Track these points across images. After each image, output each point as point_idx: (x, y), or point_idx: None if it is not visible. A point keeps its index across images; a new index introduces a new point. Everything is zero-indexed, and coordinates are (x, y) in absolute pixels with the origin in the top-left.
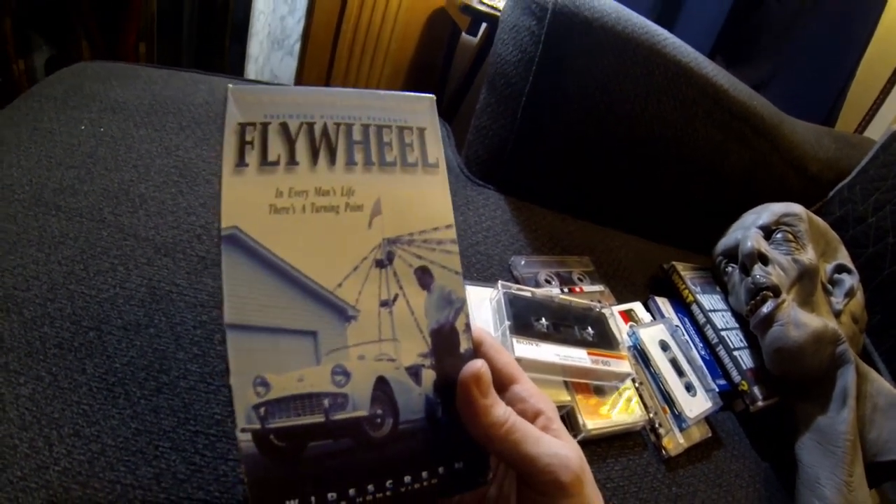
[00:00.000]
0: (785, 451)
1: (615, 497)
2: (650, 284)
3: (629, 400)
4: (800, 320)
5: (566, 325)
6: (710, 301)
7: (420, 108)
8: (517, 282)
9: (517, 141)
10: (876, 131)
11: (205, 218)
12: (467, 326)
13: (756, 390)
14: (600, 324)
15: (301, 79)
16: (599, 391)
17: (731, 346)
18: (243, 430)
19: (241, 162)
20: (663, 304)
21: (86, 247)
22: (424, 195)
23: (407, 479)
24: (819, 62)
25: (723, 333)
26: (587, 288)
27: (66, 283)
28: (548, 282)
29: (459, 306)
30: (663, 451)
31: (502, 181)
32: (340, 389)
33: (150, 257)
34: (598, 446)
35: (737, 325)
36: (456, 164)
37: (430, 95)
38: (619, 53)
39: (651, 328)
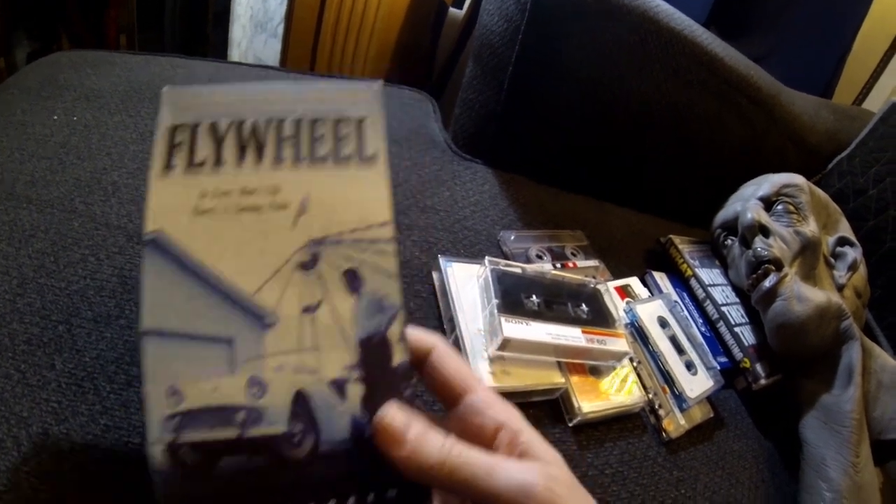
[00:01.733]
0: (789, 430)
1: (614, 483)
2: (647, 259)
3: (626, 380)
4: (803, 294)
5: (559, 302)
6: (710, 275)
7: (361, 97)
8: (507, 257)
9: (504, 113)
10: (874, 104)
11: None
12: (402, 336)
13: (759, 367)
14: (595, 300)
15: (285, 61)
16: (595, 371)
17: (732, 322)
18: (156, 442)
19: (168, 164)
20: (661, 279)
21: (56, 238)
22: (358, 190)
23: None
24: (816, 34)
25: (723, 309)
26: (581, 263)
27: (37, 277)
28: (539, 257)
29: (393, 313)
30: (664, 434)
31: (490, 155)
32: (256, 403)
33: (122, 246)
34: (596, 430)
35: (737, 300)
36: (443, 140)
37: (377, 82)
38: (608, 20)
39: (649, 304)
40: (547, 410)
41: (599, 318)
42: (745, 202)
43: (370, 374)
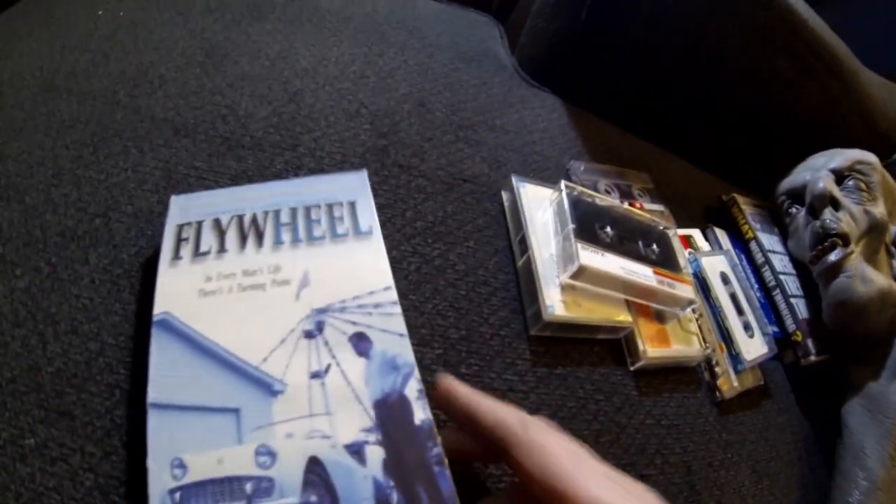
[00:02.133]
0: (831, 412)
1: (669, 436)
2: (706, 215)
3: (689, 330)
4: (867, 275)
5: (631, 238)
6: (770, 241)
7: (349, 184)
8: None
9: (578, 47)
10: None
11: (231, 98)
12: (421, 393)
13: (810, 343)
14: (665, 243)
15: None
16: (660, 317)
17: (789, 292)
18: None
19: (176, 256)
20: (721, 235)
21: (97, 130)
22: (357, 262)
23: None
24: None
25: (781, 277)
26: (647, 205)
27: (73, 168)
28: (607, 192)
29: (409, 371)
30: (717, 393)
31: (557, 87)
32: (265, 472)
33: (168, 139)
34: (655, 378)
35: (794, 272)
36: (510, 64)
37: (361, 171)
38: None
39: (713, 257)
40: (609, 350)
41: (668, 261)
42: (816, 172)
43: (390, 435)
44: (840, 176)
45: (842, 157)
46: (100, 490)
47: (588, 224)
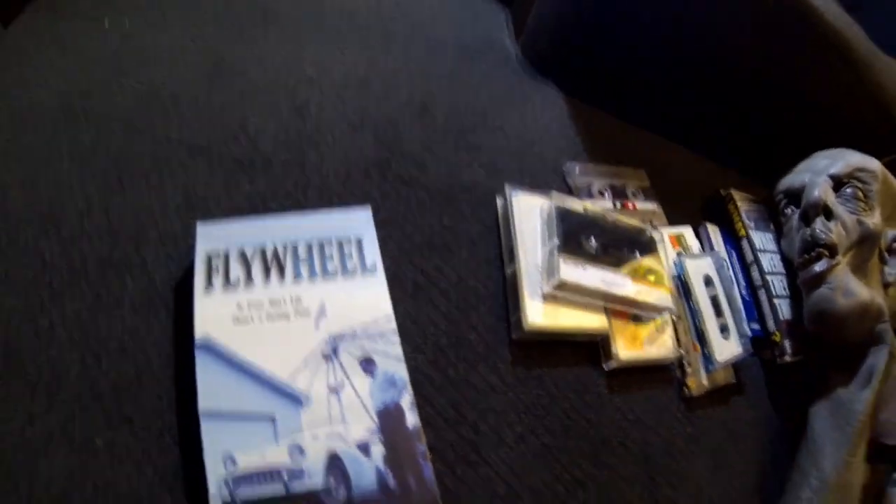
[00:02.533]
0: (799, 412)
1: (633, 428)
2: (704, 207)
3: (664, 332)
4: (850, 288)
5: (616, 246)
6: (762, 239)
7: (356, 220)
8: (570, 190)
9: (585, 34)
10: None
11: (241, 113)
12: (412, 404)
13: (787, 344)
14: (649, 249)
15: None
16: (636, 318)
17: (774, 293)
18: (215, 501)
19: (209, 284)
20: (714, 232)
21: (119, 156)
22: (364, 295)
23: None
24: None
25: (768, 278)
26: (640, 205)
27: (101, 197)
28: (601, 193)
29: (403, 387)
30: (685, 390)
31: (561, 75)
32: (298, 465)
33: (184, 161)
34: (627, 375)
35: (783, 271)
36: (514, 55)
37: (366, 208)
38: None
39: (698, 260)
40: (586, 351)
41: (651, 267)
42: (816, 176)
43: (389, 436)
44: (839, 182)
45: (843, 162)
46: (160, 479)
47: (574, 235)
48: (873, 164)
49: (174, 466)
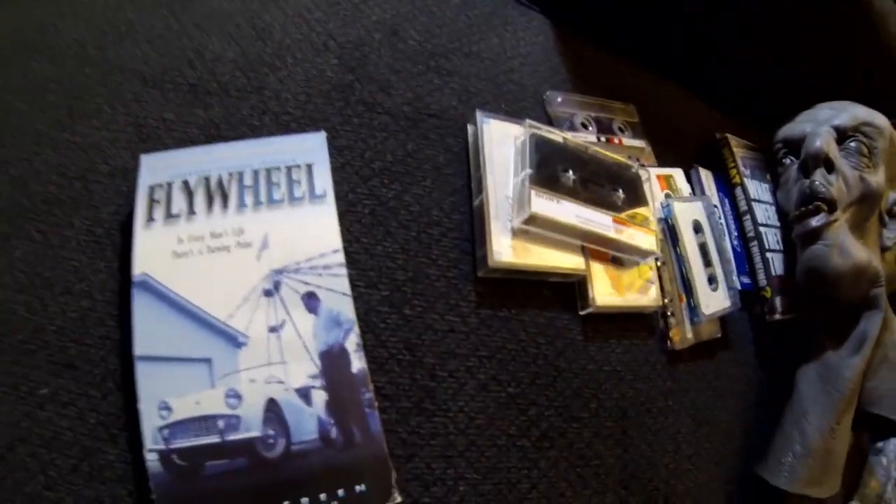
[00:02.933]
0: (786, 371)
1: (608, 381)
2: (696, 151)
3: (647, 278)
4: (846, 247)
5: (596, 182)
6: (757, 189)
7: (309, 146)
8: (550, 121)
9: None
10: None
11: (198, 40)
12: (358, 346)
13: (778, 301)
14: (633, 187)
15: None
16: (617, 262)
17: (767, 246)
18: (150, 451)
19: (150, 218)
20: (706, 177)
21: (70, 89)
22: (311, 225)
23: (304, 501)
24: None
25: (761, 229)
26: (627, 141)
27: (51, 133)
28: (584, 126)
29: (349, 327)
30: (668, 342)
31: (548, 2)
32: (233, 411)
33: (137, 92)
34: (604, 323)
35: (777, 224)
36: None
37: (320, 133)
38: None
39: (687, 204)
40: (560, 294)
41: (634, 208)
42: (818, 126)
43: (331, 381)
44: (843, 135)
45: (848, 114)
46: (103, 426)
47: (550, 167)
48: (880, 119)
49: (117, 413)
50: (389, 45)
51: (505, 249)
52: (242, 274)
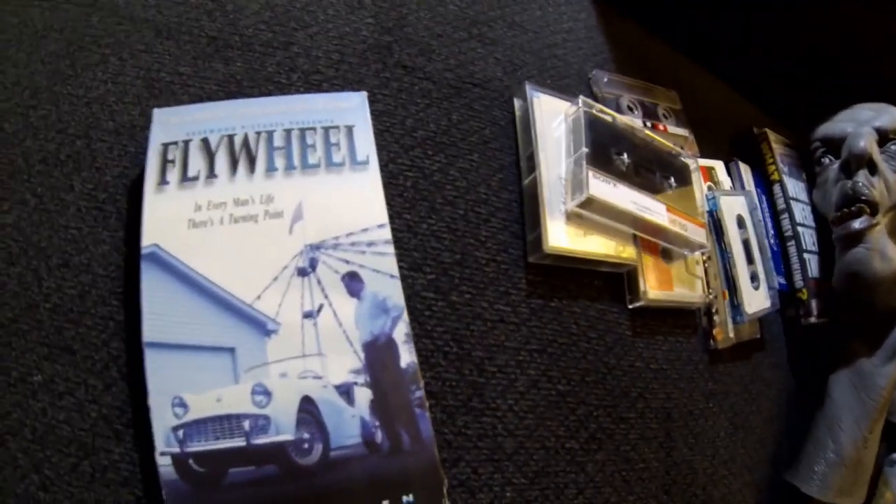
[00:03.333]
0: (818, 377)
1: (656, 380)
2: (734, 145)
3: (694, 273)
4: (887, 252)
5: (647, 167)
6: (795, 187)
7: (349, 105)
8: (596, 100)
9: None
10: None
11: None
12: (408, 337)
13: (814, 304)
14: (683, 176)
15: None
16: (666, 255)
17: (804, 247)
18: (162, 454)
19: (162, 180)
20: (745, 172)
21: (73, 38)
22: (352, 195)
23: None
24: None
25: (799, 229)
26: (671, 129)
27: (51, 85)
28: (630, 109)
29: (398, 314)
30: (712, 341)
31: None
32: (261, 410)
33: (149, 42)
34: (651, 318)
35: (814, 225)
36: None
37: (361, 93)
38: None
39: (732, 198)
40: (610, 285)
41: (684, 197)
42: (860, 126)
43: (377, 377)
44: (884, 137)
45: (890, 116)
46: (104, 420)
47: (603, 148)
48: None
49: (122, 406)
50: (429, 7)
51: (560, 234)
52: (272, 249)
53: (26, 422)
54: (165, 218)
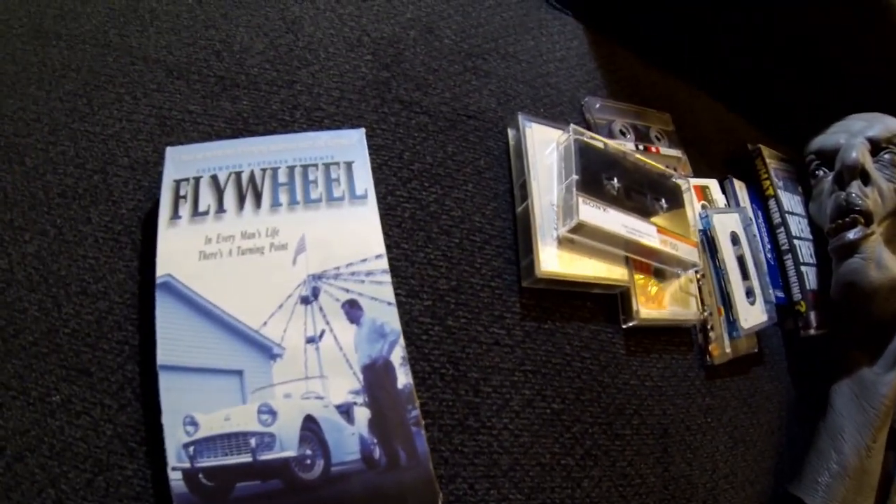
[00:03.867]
0: (819, 388)
1: (651, 397)
2: (728, 162)
3: (687, 291)
4: (883, 261)
5: (638, 191)
6: (790, 201)
7: (348, 142)
8: (588, 126)
9: None
10: None
11: (225, 31)
12: (404, 360)
13: (812, 316)
14: (674, 197)
15: None
16: (659, 274)
17: (801, 260)
18: (174, 469)
19: (175, 215)
20: (740, 189)
21: (89, 77)
22: (352, 228)
23: None
24: None
25: (795, 242)
26: (664, 150)
27: (69, 122)
28: (623, 133)
29: (394, 339)
30: (707, 357)
31: (581, 6)
32: (267, 429)
33: (161, 82)
34: (645, 337)
35: (810, 237)
36: None
37: (360, 130)
38: None
39: (725, 215)
40: (603, 306)
41: (675, 217)
42: (852, 137)
43: (375, 397)
44: (877, 147)
45: (882, 125)
46: (119, 438)
47: (594, 174)
48: None
49: (136, 425)
50: (425, 42)
51: (551, 259)
52: (277, 278)
53: (44, 439)
54: (178, 250)
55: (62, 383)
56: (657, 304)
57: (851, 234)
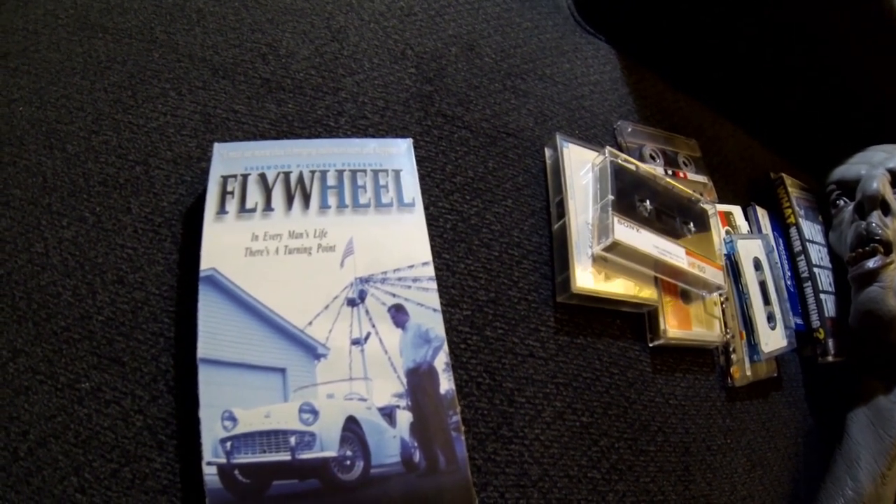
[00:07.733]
0: (836, 414)
1: (674, 415)
2: (751, 190)
3: (712, 313)
4: None
5: (668, 213)
6: (811, 230)
7: (396, 151)
8: (620, 149)
9: None
10: None
11: (272, 35)
12: (447, 366)
13: (831, 343)
14: (702, 221)
15: None
16: (685, 296)
17: (820, 287)
18: (209, 464)
19: (221, 210)
20: (763, 216)
21: (134, 70)
22: (399, 234)
23: None
24: None
25: (815, 270)
26: (691, 176)
27: (112, 113)
28: (652, 157)
29: (439, 345)
30: (729, 379)
31: (613, 31)
32: (308, 428)
33: (206, 80)
34: (671, 356)
35: (830, 266)
36: (566, 5)
37: (407, 139)
38: None
39: (749, 241)
40: (631, 324)
41: (702, 241)
42: (873, 169)
43: (418, 402)
44: None
45: None
46: (149, 430)
47: (628, 195)
48: None
49: (167, 418)
50: (466, 59)
51: (586, 275)
52: (324, 279)
53: (70, 426)
54: (223, 244)
55: (93, 371)
56: (684, 324)
57: (871, 263)
